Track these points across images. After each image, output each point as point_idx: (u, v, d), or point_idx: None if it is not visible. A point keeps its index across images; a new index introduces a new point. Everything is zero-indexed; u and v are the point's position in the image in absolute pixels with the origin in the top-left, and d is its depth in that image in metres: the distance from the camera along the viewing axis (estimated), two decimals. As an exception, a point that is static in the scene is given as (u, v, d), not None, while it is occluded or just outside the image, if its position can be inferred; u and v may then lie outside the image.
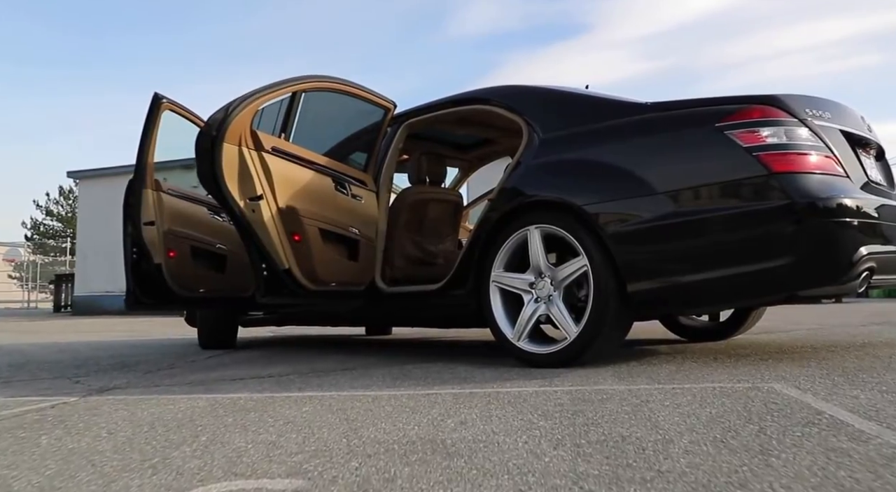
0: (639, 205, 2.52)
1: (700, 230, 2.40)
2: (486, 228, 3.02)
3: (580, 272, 2.67)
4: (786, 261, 2.27)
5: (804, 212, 2.25)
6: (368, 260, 3.54)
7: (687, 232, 2.42)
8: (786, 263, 2.27)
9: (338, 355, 3.75)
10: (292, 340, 5.40)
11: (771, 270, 2.29)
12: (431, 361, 3.21)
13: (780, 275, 2.29)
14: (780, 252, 2.28)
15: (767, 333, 4.23)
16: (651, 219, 2.48)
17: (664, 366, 2.61)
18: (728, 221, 2.35)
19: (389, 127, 3.92)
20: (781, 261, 2.28)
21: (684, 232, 2.43)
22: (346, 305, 3.69)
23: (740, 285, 2.36)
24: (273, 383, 2.67)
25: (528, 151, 3.01)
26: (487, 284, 2.98)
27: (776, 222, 2.28)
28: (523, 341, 2.84)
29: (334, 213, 3.21)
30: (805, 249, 2.25)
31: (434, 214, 4.09)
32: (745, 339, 3.85)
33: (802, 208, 2.25)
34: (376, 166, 3.79)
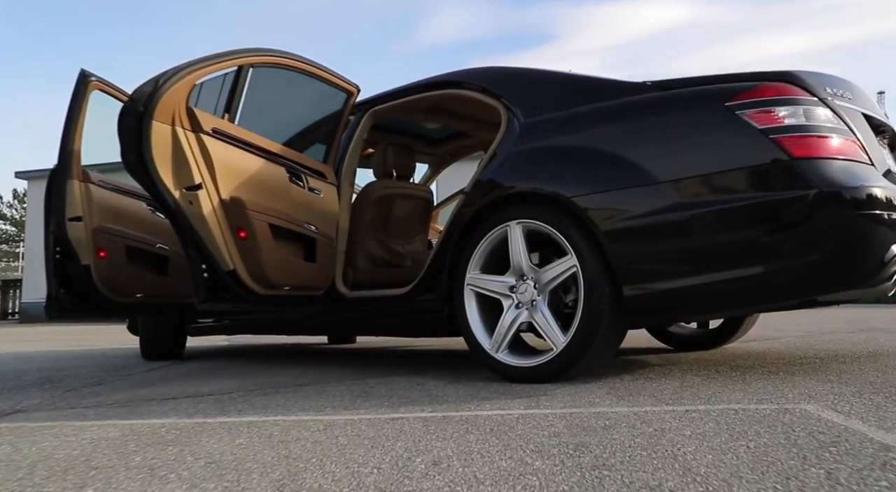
0: (638, 196, 2.19)
1: (708, 225, 2.08)
2: (460, 224, 2.67)
3: (568, 274, 2.33)
4: (809, 259, 1.96)
5: (831, 203, 1.94)
6: (328, 261, 3.15)
7: (693, 227, 2.10)
8: (809, 262, 1.96)
9: (294, 368, 3.35)
10: (248, 350, 4.97)
11: (791, 270, 1.98)
12: (398, 375, 2.84)
13: (802, 276, 1.98)
14: (803, 249, 1.97)
15: (756, 341, 3.96)
16: (652, 212, 2.16)
17: (664, 381, 2.28)
18: (741, 214, 2.04)
19: (353, 115, 3.55)
20: (804, 259, 1.97)
21: (690, 227, 2.10)
22: (303, 312, 3.29)
23: (753, 289, 2.05)
24: (211, 403, 2.27)
25: (508, 138, 2.66)
26: (461, 288, 2.62)
27: (798, 215, 1.98)
28: (502, 353, 2.48)
29: (288, 207, 2.82)
30: (832, 245, 1.95)
31: (402, 211, 3.72)
32: (736, 348, 3.57)
33: (829, 199, 1.94)
34: (337, 157, 3.41)
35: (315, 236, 3.02)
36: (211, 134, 2.47)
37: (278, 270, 2.78)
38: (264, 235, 2.66)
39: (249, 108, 2.70)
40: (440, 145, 4.56)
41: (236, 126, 2.63)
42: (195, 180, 2.42)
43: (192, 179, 2.42)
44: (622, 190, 2.23)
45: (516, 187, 2.50)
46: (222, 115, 2.59)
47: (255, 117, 2.75)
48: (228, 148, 2.56)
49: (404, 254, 3.74)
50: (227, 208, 2.55)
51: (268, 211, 2.70)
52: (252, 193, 2.64)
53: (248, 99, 2.68)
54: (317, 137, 3.27)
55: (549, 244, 2.53)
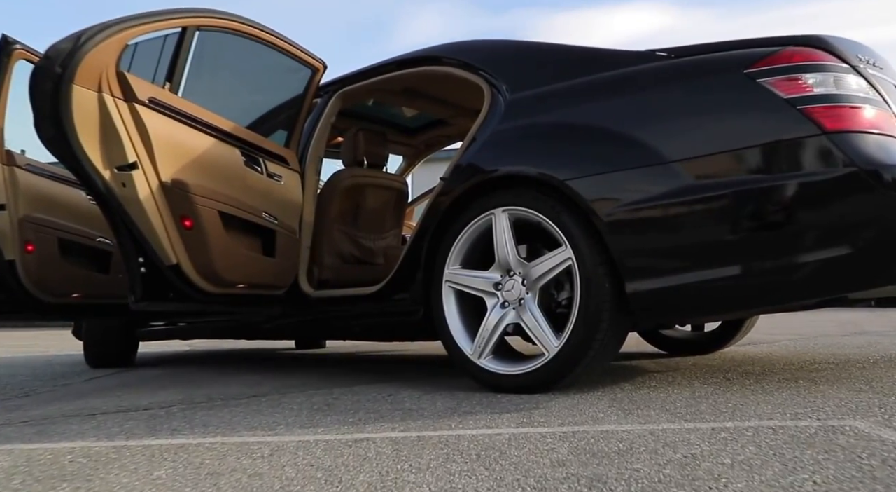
0: (643, 178, 1.90)
1: (727, 210, 1.80)
2: (438, 213, 2.36)
3: (562, 268, 2.03)
4: (846, 250, 1.68)
5: (871, 184, 1.67)
6: (290, 256, 2.81)
7: (709, 213, 1.81)
8: (846, 253, 1.68)
9: (253, 375, 3.00)
10: (208, 355, 4.58)
11: (825, 262, 1.70)
12: (368, 383, 2.51)
13: (836, 269, 1.70)
14: (839, 238, 1.69)
15: (751, 345, 3.71)
16: (660, 196, 1.86)
17: (672, 391, 1.99)
18: (765, 197, 1.76)
19: (320, 96, 3.22)
20: (840, 250, 1.69)
21: (705, 213, 1.82)
22: (261, 314, 2.94)
23: (779, 283, 1.77)
24: (143, 420, 1.92)
25: (492, 117, 2.36)
26: (439, 285, 2.31)
27: (833, 198, 1.70)
28: (486, 359, 2.17)
29: (242, 194, 2.48)
30: (872, 233, 1.68)
31: (373, 202, 3.39)
32: (734, 352, 3.31)
33: (868, 179, 1.67)
34: (301, 141, 3.07)
35: (275, 228, 2.67)
36: (147, 105, 2.12)
37: (231, 265, 2.43)
38: (213, 224, 2.32)
39: (196, 78, 2.35)
40: (416, 135, 4.24)
41: (180, 98, 2.28)
42: (128, 158, 2.07)
43: (125, 156, 2.06)
44: (625, 171, 1.93)
45: (501, 170, 2.19)
46: (162, 85, 2.24)
47: (203, 90, 2.40)
48: (169, 122, 2.21)
49: (376, 250, 3.41)
50: (168, 193, 2.20)
51: (218, 197, 2.36)
52: (199, 175, 2.29)
53: (195, 68, 2.33)
54: (277, 118, 2.93)
55: (540, 235, 2.23)
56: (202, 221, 2.27)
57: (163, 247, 2.23)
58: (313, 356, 4.27)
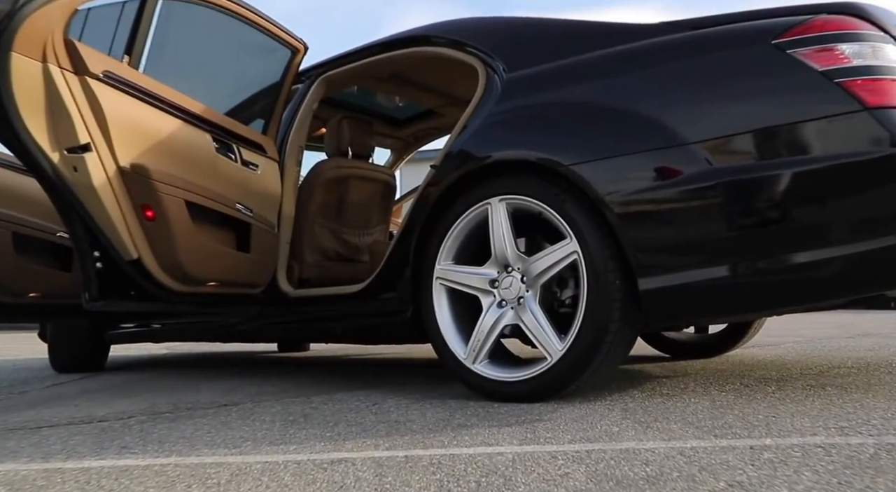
0: (659, 162, 1.69)
1: (754, 197, 1.59)
2: (428, 204, 2.15)
3: (566, 263, 1.82)
4: (890, 241, 1.49)
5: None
6: (267, 252, 2.59)
7: (733, 200, 1.61)
8: (890, 245, 1.49)
9: (229, 381, 2.77)
10: (185, 359, 4.34)
11: (863, 255, 1.51)
12: (351, 391, 2.29)
13: (876, 262, 1.51)
14: (882, 226, 1.50)
15: (758, 347, 3.53)
16: (678, 182, 1.66)
17: (689, 400, 1.79)
18: (799, 182, 1.56)
19: (301, 82, 3.00)
20: (882, 241, 1.49)
21: (730, 200, 1.61)
22: (235, 315, 2.71)
23: (811, 279, 1.57)
24: (93, 435, 1.68)
25: (487, 99, 2.15)
26: (430, 283, 2.09)
27: (878, 182, 1.50)
28: (481, 364, 1.96)
29: (213, 182, 2.25)
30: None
31: (359, 195, 3.17)
32: (741, 355, 3.12)
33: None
34: (280, 128, 2.85)
35: (250, 221, 2.45)
36: (101, 79, 1.88)
37: (200, 261, 2.21)
38: (179, 215, 2.09)
39: (160, 53, 2.11)
40: (405, 126, 4.02)
41: (140, 74, 2.05)
42: (80, 139, 1.83)
43: (77, 137, 1.83)
44: (638, 154, 1.73)
45: (499, 155, 1.98)
46: (120, 58, 2.01)
47: (168, 67, 2.17)
48: (128, 100, 1.98)
49: (361, 246, 3.19)
50: (127, 179, 1.97)
51: (185, 185, 2.13)
52: (163, 161, 2.06)
53: (159, 41, 2.10)
54: (253, 103, 2.71)
55: (541, 227, 2.02)
56: (166, 212, 2.05)
57: (122, 240, 2.00)
58: (296, 360, 4.03)
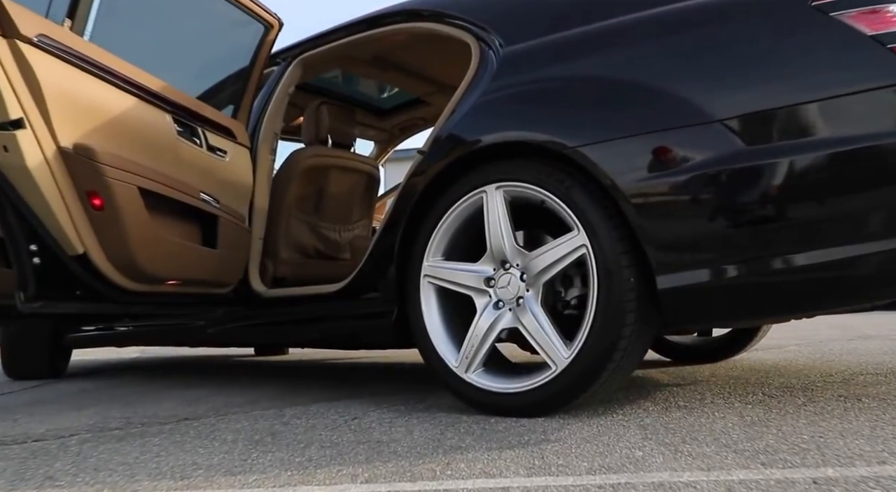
0: (681, 142, 1.48)
1: (791, 182, 1.38)
2: (415, 194, 1.92)
3: (573, 258, 1.60)
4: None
5: None
6: (236, 248, 2.34)
7: (765, 186, 1.40)
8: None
9: (197, 389, 2.51)
10: (158, 364, 4.06)
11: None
12: (330, 401, 2.05)
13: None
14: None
15: (762, 351, 3.33)
16: (704, 164, 1.44)
17: (713, 413, 1.57)
18: (845, 164, 1.35)
19: (277, 64, 2.76)
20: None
21: (761, 186, 1.40)
22: (201, 317, 2.46)
23: (863, 276, 1.36)
24: (18, 460, 1.43)
25: (482, 75, 1.92)
26: (417, 282, 1.87)
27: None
28: (475, 373, 1.73)
29: (173, 168, 2.01)
30: None
31: (339, 187, 2.93)
32: (746, 359, 2.92)
33: None
34: (253, 113, 2.60)
35: (216, 213, 2.20)
36: (36, 43, 1.63)
37: (157, 256, 1.96)
38: (132, 204, 1.84)
39: (109, 19, 1.86)
40: (389, 117, 3.79)
41: (85, 41, 1.80)
42: (10, 114, 1.58)
43: (6, 111, 1.58)
44: (657, 134, 1.51)
45: (495, 137, 1.76)
46: (61, 22, 1.76)
47: (119, 36, 1.92)
48: (70, 70, 1.72)
49: (342, 243, 2.95)
50: (70, 162, 1.72)
51: (139, 171, 1.88)
52: (112, 142, 1.81)
53: (108, 5, 1.85)
54: (222, 83, 2.46)
55: (543, 219, 1.80)
56: (117, 200, 1.79)
57: (64, 232, 1.75)
58: (273, 364, 3.78)
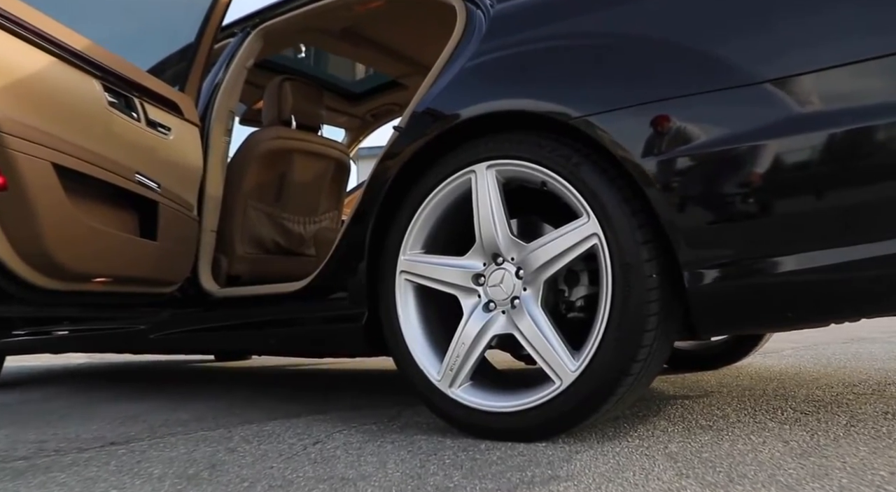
0: (717, 108, 1.21)
1: (852, 156, 1.12)
2: (390, 176, 1.63)
3: (581, 251, 1.33)
4: None
5: None
6: (182, 241, 2.03)
7: (823, 162, 1.14)
8: None
9: (139, 402, 2.18)
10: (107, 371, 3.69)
11: None
12: (290, 417, 1.75)
13: None
14: None
15: (758, 356, 3.11)
16: (745, 136, 1.18)
17: (749, 438, 1.31)
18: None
19: (234, 34, 2.44)
20: None
21: (817, 162, 1.14)
22: (140, 320, 2.14)
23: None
24: None
25: (469, 37, 1.64)
26: (392, 279, 1.58)
27: None
28: (462, 388, 1.45)
29: (100, 143, 1.69)
30: None
31: (304, 174, 2.63)
32: (745, 365, 2.69)
33: None
34: (205, 87, 2.29)
35: (156, 199, 1.88)
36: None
37: (80, 248, 1.63)
38: (45, 184, 1.52)
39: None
40: (362, 102, 3.49)
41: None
42: None
43: None
44: (685, 99, 1.24)
45: (486, 107, 1.47)
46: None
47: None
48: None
49: (307, 237, 2.64)
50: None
51: (54, 144, 1.55)
52: (18, 107, 1.49)
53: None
54: (168, 50, 2.14)
55: (542, 204, 1.53)
56: (23, 178, 1.47)
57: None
58: (233, 371, 3.45)
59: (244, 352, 2.97)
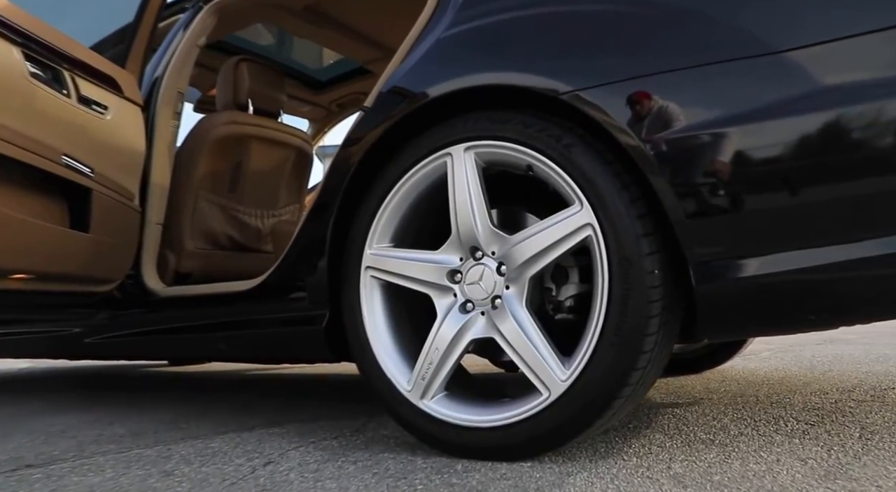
0: (731, 81, 1.06)
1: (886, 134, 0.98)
2: (354, 161, 1.45)
3: (572, 243, 1.16)
4: None
5: None
6: (121, 233, 1.82)
7: (855, 141, 0.99)
8: None
9: (71, 415, 1.95)
10: (48, 375, 3.41)
11: None
12: (239, 431, 1.55)
13: None
14: None
15: (742, 358, 3.01)
16: (763, 112, 1.03)
17: (764, 457, 1.17)
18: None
19: (184, 10, 2.23)
20: None
21: (848, 141, 1.00)
22: (72, 323, 1.92)
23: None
24: None
25: (445, 7, 1.47)
26: (356, 276, 1.40)
27: None
28: (435, 399, 1.28)
29: (20, 119, 1.47)
30: None
31: (262, 163, 2.42)
32: (726, 370, 2.58)
33: None
34: (152, 65, 2.08)
35: (88, 185, 1.67)
36: None
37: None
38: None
39: None
40: (327, 90, 3.29)
41: None
42: None
43: None
44: (690, 71, 1.09)
45: (465, 81, 1.30)
46: None
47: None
48: None
49: (264, 232, 2.44)
50: None
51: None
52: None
53: None
54: (107, 20, 1.92)
55: (525, 192, 1.37)
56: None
57: None
58: (186, 377, 3.21)
59: (192, 358, 2.74)
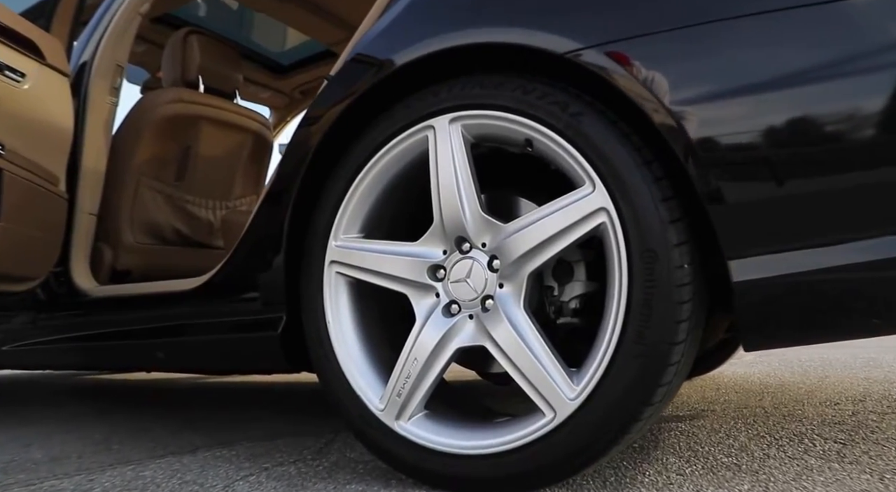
0: (779, 36, 0.87)
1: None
2: (315, 139, 1.23)
3: (584, 232, 0.96)
4: None
5: None
6: (44, 224, 1.56)
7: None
8: None
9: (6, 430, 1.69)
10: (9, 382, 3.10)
11: None
12: (180, 454, 1.31)
13: None
14: None
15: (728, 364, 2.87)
16: (818, 75, 0.84)
17: (809, 487, 0.98)
18: None
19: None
20: None
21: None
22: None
23: None
24: None
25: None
26: (319, 273, 1.18)
27: None
28: (412, 420, 1.07)
29: None
30: None
31: (214, 148, 2.17)
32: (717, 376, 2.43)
33: None
34: (85, 33, 1.82)
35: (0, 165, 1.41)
36: None
37: None
38: None
39: None
40: (290, 75, 3.05)
41: None
42: None
43: None
44: (732, 21, 0.90)
45: (452, 39, 1.09)
46: None
47: None
48: None
49: (217, 225, 2.19)
50: None
51: None
52: None
53: None
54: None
55: (523, 173, 1.17)
56: None
57: None
58: (133, 387, 2.92)
59: (125, 368, 2.47)
